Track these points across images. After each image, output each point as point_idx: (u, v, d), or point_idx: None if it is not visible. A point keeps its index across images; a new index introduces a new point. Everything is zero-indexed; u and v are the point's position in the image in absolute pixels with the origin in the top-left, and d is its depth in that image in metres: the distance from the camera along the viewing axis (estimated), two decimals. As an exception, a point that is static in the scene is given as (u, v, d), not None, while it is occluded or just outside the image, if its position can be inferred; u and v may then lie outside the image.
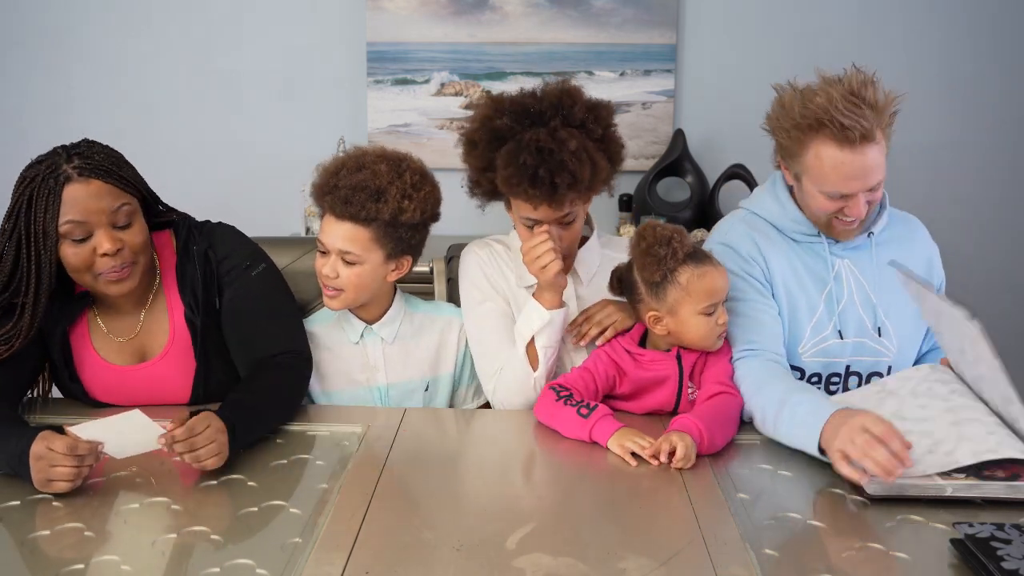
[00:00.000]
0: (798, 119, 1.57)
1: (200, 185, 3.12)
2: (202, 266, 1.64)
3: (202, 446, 1.33)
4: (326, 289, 1.71)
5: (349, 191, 1.63)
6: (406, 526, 1.24)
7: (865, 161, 1.55)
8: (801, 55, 2.68)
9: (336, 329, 1.79)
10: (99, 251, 1.49)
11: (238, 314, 1.65)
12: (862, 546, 1.19)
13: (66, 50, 3.22)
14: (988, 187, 3.24)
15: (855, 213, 1.61)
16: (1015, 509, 1.27)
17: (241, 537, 1.22)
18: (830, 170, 1.56)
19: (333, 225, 1.66)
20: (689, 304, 1.57)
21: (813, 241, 1.72)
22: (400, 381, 1.79)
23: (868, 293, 1.70)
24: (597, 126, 1.66)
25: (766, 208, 1.76)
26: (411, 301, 1.85)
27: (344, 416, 1.65)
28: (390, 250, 1.68)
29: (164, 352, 1.64)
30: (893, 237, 1.76)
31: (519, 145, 1.60)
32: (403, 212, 1.64)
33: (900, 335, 1.72)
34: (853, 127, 1.51)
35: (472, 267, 1.82)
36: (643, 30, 3.17)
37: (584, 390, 1.60)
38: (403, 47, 3.20)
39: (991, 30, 3.15)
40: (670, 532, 1.22)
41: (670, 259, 1.56)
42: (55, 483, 1.29)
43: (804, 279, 1.70)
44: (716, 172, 3.13)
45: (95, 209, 1.47)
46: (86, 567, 1.14)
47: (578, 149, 1.60)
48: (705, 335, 1.59)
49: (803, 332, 1.69)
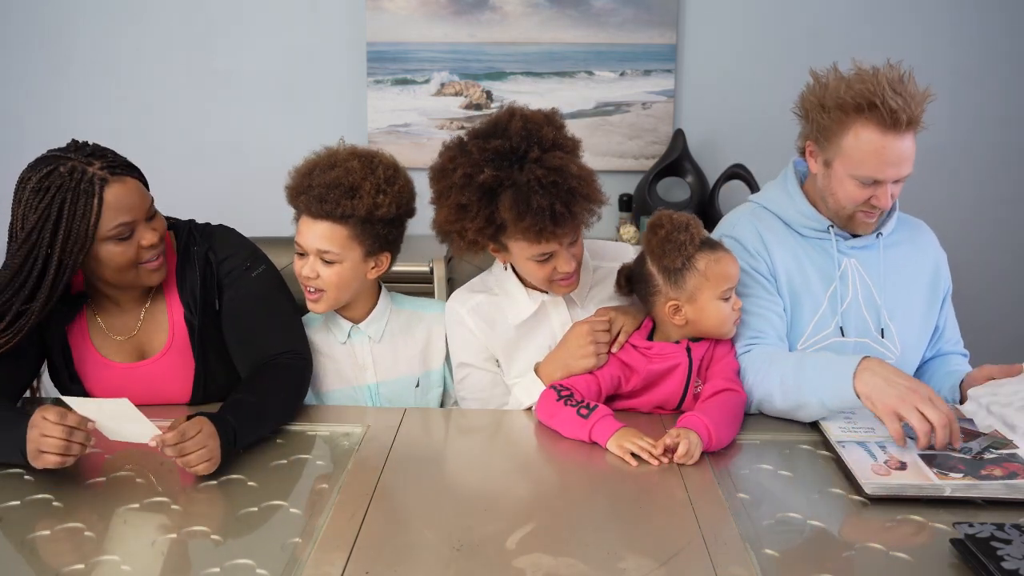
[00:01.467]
0: (845, 98, 1.57)
1: (200, 185, 3.13)
2: (202, 267, 1.64)
3: (192, 451, 1.34)
4: (308, 292, 1.71)
5: (323, 189, 1.63)
6: (406, 526, 1.24)
7: (903, 148, 1.57)
8: (801, 55, 2.68)
9: (324, 331, 1.80)
10: (144, 243, 1.53)
11: (238, 315, 1.65)
12: (862, 546, 1.19)
13: (65, 50, 3.22)
14: (993, 188, 3.24)
15: (883, 203, 1.61)
16: (1015, 509, 1.27)
17: (241, 537, 1.22)
18: (869, 154, 1.57)
19: (310, 225, 1.67)
20: (708, 289, 1.58)
21: (821, 237, 1.72)
22: (390, 379, 1.79)
23: (873, 294, 1.70)
24: (559, 135, 1.62)
25: (775, 201, 1.76)
26: (396, 299, 1.85)
27: (344, 416, 1.65)
28: (368, 247, 1.69)
29: (163, 351, 1.64)
30: (902, 240, 1.76)
31: (521, 191, 1.53)
32: (378, 207, 1.65)
33: (904, 338, 1.72)
34: (901, 111, 1.53)
35: (457, 340, 1.77)
36: (643, 30, 3.17)
37: (586, 391, 1.60)
38: (403, 47, 3.20)
39: (992, 30, 3.15)
40: (670, 532, 1.22)
41: (689, 245, 1.57)
42: (45, 455, 1.30)
43: (809, 275, 1.71)
44: (716, 172, 3.14)
45: (138, 206, 1.51)
46: (86, 567, 1.14)
47: (578, 170, 1.58)
48: (723, 320, 1.60)
49: (805, 328, 1.70)
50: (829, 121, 1.61)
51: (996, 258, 3.25)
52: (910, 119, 1.55)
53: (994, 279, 3.22)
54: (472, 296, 1.77)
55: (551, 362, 1.67)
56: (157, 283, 1.60)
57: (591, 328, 1.63)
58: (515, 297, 1.73)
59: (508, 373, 1.76)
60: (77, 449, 1.32)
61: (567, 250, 1.62)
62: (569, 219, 1.56)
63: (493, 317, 1.75)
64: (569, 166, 1.57)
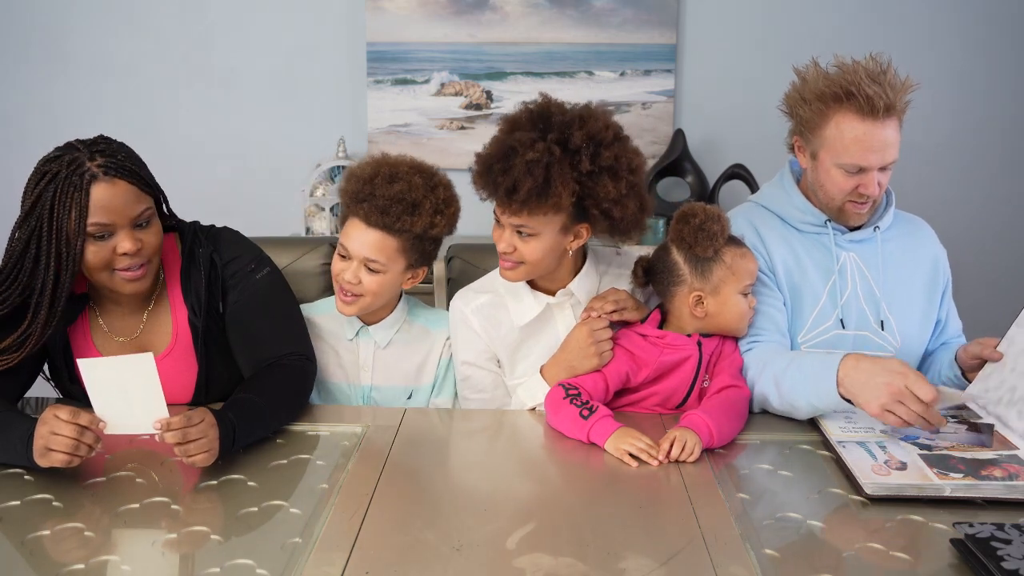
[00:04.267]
0: (824, 90, 1.61)
1: (200, 185, 3.13)
2: (207, 270, 1.65)
3: (194, 439, 1.33)
4: (343, 294, 1.71)
5: (387, 202, 1.63)
6: (406, 526, 1.24)
7: (885, 134, 1.59)
8: (801, 55, 2.65)
9: (334, 322, 1.80)
10: (119, 250, 1.49)
11: (243, 316, 1.65)
12: (862, 546, 1.19)
13: (65, 50, 3.22)
14: (992, 186, 3.24)
15: (870, 191, 1.63)
16: (1015, 509, 1.27)
17: (241, 537, 1.22)
18: (851, 141, 1.60)
19: (362, 231, 1.66)
20: (733, 283, 1.60)
21: (819, 232, 1.74)
22: (384, 385, 1.80)
23: (872, 287, 1.72)
24: (590, 161, 1.55)
25: (771, 198, 1.79)
26: (413, 310, 1.85)
27: (344, 416, 1.65)
28: (412, 260, 1.70)
29: (166, 353, 1.64)
30: (899, 234, 1.78)
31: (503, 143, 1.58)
32: (434, 227, 1.67)
33: (904, 330, 1.73)
34: (878, 97, 1.56)
35: (460, 339, 1.77)
36: (643, 30, 3.17)
37: (593, 388, 1.60)
38: (403, 47, 3.20)
39: (990, 30, 3.16)
40: (670, 532, 1.22)
41: (720, 236, 1.60)
42: (53, 453, 1.30)
43: (808, 268, 1.72)
44: (716, 172, 3.14)
45: (121, 210, 1.48)
46: (86, 567, 1.14)
47: (536, 161, 1.52)
48: (742, 315, 1.63)
49: (805, 320, 1.71)
50: (811, 113, 1.65)
51: (998, 259, 3.25)
52: (888, 105, 1.57)
53: (997, 277, 3.22)
54: (477, 296, 1.77)
55: (555, 365, 1.67)
56: (131, 293, 1.57)
57: (591, 329, 1.63)
58: (520, 298, 1.73)
59: (510, 374, 1.76)
60: (85, 450, 1.32)
61: (510, 230, 1.61)
62: (491, 184, 1.56)
63: (498, 318, 1.74)
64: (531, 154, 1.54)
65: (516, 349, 1.75)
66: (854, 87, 1.58)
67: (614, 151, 1.57)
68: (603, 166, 1.57)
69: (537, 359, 1.72)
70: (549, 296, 1.73)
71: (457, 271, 2.07)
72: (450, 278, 2.10)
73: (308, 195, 3.16)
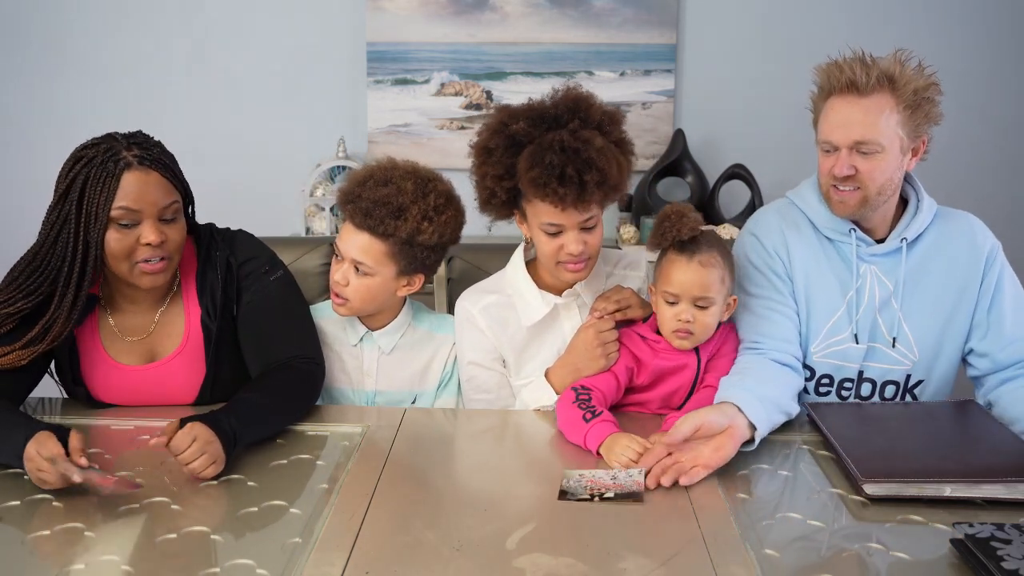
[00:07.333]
0: (819, 82, 1.63)
1: (200, 185, 3.06)
2: (223, 272, 1.65)
3: (191, 460, 1.34)
4: (334, 296, 1.71)
5: (371, 204, 1.63)
6: (406, 526, 1.24)
7: (854, 112, 1.57)
8: (801, 55, 2.67)
9: (339, 327, 1.80)
10: (143, 240, 1.51)
11: (255, 318, 1.66)
12: (862, 546, 1.19)
13: (65, 50, 3.22)
14: (992, 187, 3.24)
15: (837, 170, 1.58)
16: (1015, 509, 1.27)
17: (241, 537, 1.22)
18: (823, 118, 1.61)
19: (351, 233, 1.67)
20: (659, 285, 1.60)
21: (843, 241, 1.68)
22: (388, 390, 1.79)
23: (891, 301, 1.66)
24: (613, 128, 1.63)
25: (805, 199, 1.73)
26: (418, 315, 1.84)
27: (344, 416, 1.65)
28: (403, 266, 1.69)
29: (176, 353, 1.64)
30: (934, 239, 1.69)
31: (542, 146, 1.55)
32: (421, 233, 1.64)
33: (923, 346, 1.67)
34: (850, 71, 1.55)
35: (466, 339, 1.76)
36: (643, 30, 3.17)
37: (606, 387, 1.60)
38: (403, 47, 3.20)
39: (990, 30, 3.16)
40: (670, 532, 1.22)
41: (669, 234, 1.57)
42: (46, 483, 1.30)
43: (828, 279, 1.68)
44: (716, 172, 3.14)
45: (150, 199, 1.50)
46: (86, 567, 1.14)
47: (603, 147, 1.57)
48: (664, 323, 1.60)
49: (818, 332, 1.68)
50: (815, 108, 1.66)
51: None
52: (853, 81, 1.55)
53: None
54: (484, 296, 1.77)
55: (562, 367, 1.67)
56: (148, 287, 1.57)
57: (597, 331, 1.63)
58: (527, 299, 1.73)
59: (516, 375, 1.75)
60: (76, 477, 1.29)
61: (577, 231, 1.61)
62: (576, 185, 1.54)
63: (505, 318, 1.74)
64: (595, 141, 1.56)
65: (523, 349, 1.74)
66: (835, 70, 1.58)
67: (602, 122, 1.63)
68: (619, 139, 1.64)
69: (544, 360, 1.72)
70: (556, 296, 1.73)
71: (458, 272, 2.07)
72: (450, 278, 2.10)
73: (308, 195, 3.16)
